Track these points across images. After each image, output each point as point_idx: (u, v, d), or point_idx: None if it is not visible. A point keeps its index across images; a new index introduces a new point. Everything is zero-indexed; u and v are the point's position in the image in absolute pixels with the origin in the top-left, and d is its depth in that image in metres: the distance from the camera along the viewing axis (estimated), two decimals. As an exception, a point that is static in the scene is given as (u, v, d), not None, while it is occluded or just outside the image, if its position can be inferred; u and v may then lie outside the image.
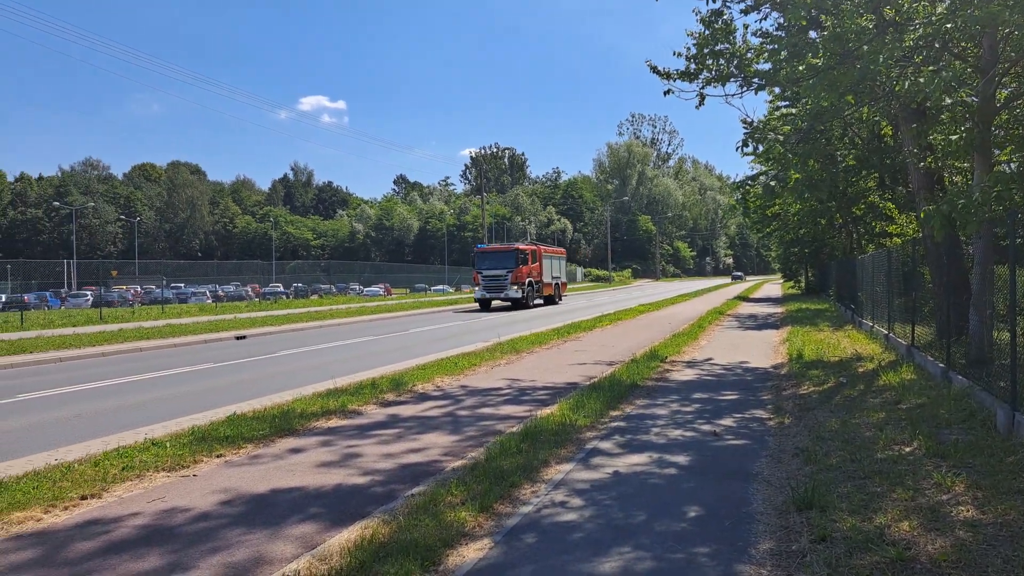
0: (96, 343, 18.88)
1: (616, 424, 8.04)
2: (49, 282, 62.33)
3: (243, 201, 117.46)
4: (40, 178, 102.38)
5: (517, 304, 32.78)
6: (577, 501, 5.35)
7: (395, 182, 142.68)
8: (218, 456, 6.83)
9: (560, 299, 38.80)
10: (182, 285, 63.83)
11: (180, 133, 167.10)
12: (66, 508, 5.38)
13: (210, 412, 8.98)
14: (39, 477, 6.07)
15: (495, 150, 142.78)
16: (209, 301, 52.33)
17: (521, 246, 33.56)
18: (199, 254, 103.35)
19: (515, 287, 32.02)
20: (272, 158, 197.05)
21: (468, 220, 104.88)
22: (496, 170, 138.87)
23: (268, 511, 5.26)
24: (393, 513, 5.04)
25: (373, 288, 68.25)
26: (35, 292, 52.11)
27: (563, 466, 6.30)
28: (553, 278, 37.19)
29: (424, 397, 10.04)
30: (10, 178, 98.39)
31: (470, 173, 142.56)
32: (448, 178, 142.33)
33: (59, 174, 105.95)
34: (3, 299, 46.72)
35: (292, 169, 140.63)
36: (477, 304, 34.26)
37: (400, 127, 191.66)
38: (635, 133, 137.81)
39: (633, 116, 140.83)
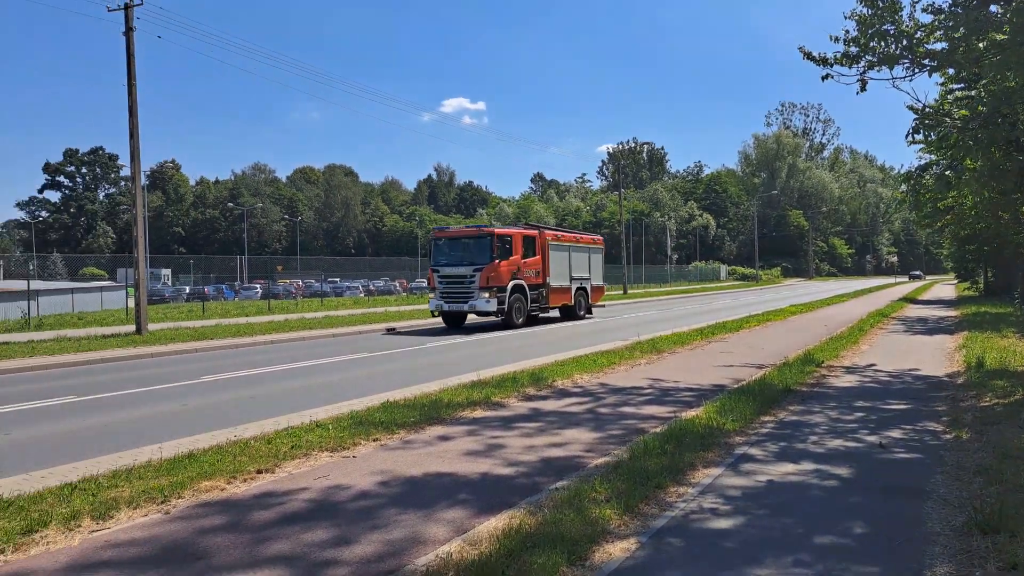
0: (265, 332, 20.70)
1: (768, 430, 7.66)
2: (224, 275, 69.16)
3: (391, 201, 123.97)
4: (216, 181, 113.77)
5: (506, 321, 21.44)
6: (727, 508, 5.15)
7: (532, 180, 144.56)
8: (374, 440, 7.25)
9: (589, 312, 26.51)
10: (338, 279, 68.39)
11: (335, 137, 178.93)
12: (245, 480, 5.92)
13: (366, 399, 9.56)
14: (221, 451, 6.74)
15: (633, 145, 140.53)
16: (362, 295, 55.75)
17: (501, 230, 22.59)
18: (352, 251, 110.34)
19: (486, 295, 20.57)
20: (417, 159, 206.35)
21: (605, 216, 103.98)
22: (634, 165, 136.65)
23: (421, 494, 5.52)
24: (538, 505, 5.11)
25: (512, 284, 69.48)
26: (213, 285, 58.06)
27: (711, 470, 6.09)
28: (573, 280, 24.97)
29: (564, 393, 10.09)
30: (192, 182, 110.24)
31: (607, 169, 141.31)
32: (584, 175, 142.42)
33: (232, 177, 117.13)
34: (187, 290, 52.61)
35: (435, 170, 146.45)
36: (440, 320, 22.94)
37: (538, 125, 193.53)
38: (785, 123, 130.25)
39: (783, 105, 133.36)
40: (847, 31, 12.58)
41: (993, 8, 11.27)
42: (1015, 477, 5.53)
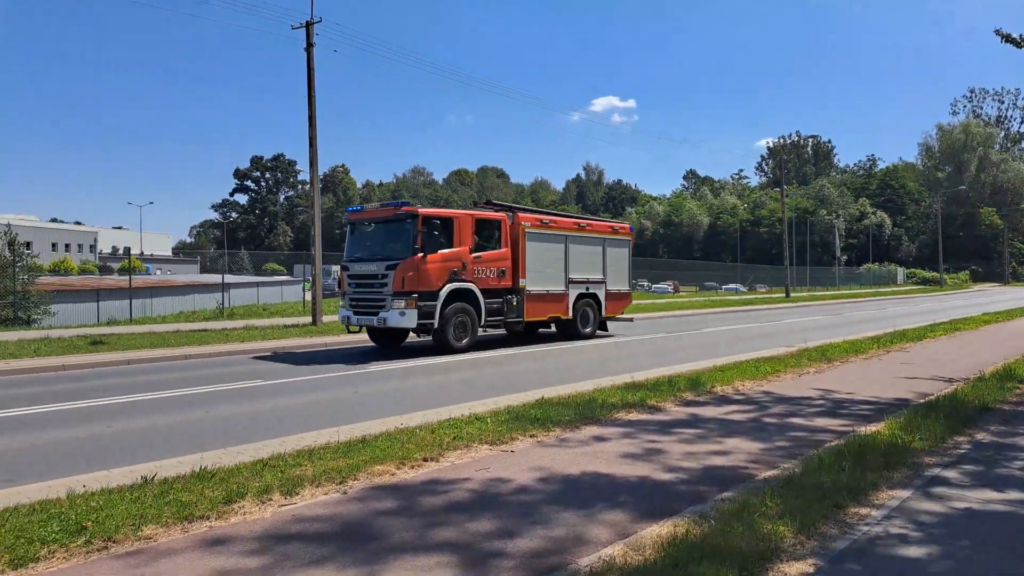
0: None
1: (963, 451, 6.87)
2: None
3: (540, 201, 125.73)
4: (380, 184, 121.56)
5: (439, 342, 15.16)
6: (918, 535, 4.67)
7: (684, 177, 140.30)
8: (531, 436, 7.34)
9: (603, 327, 19.68)
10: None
11: (488, 139, 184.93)
12: (412, 467, 6.21)
13: (520, 395, 9.73)
14: (391, 438, 7.12)
15: (796, 139, 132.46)
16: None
17: (432, 210, 15.38)
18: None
19: (401, 303, 14.48)
20: (566, 159, 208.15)
21: (763, 215, 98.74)
22: (797, 160, 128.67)
23: (579, 493, 5.50)
24: (703, 515, 4.91)
25: (661, 285, 67.91)
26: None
27: (896, 492, 5.55)
28: (573, 284, 17.95)
29: (724, 400, 9.67)
30: (359, 185, 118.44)
31: (766, 165, 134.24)
32: (741, 171, 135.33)
33: (394, 180, 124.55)
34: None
35: (584, 169, 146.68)
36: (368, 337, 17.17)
37: (690, 121, 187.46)
38: (974, 111, 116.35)
39: (972, 92, 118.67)
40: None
41: None
42: None
